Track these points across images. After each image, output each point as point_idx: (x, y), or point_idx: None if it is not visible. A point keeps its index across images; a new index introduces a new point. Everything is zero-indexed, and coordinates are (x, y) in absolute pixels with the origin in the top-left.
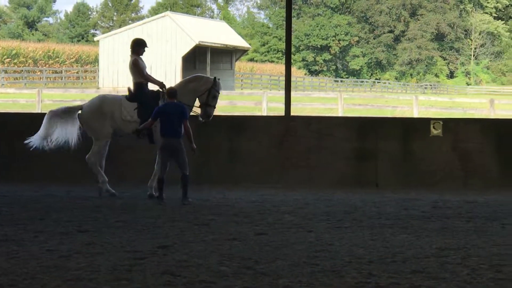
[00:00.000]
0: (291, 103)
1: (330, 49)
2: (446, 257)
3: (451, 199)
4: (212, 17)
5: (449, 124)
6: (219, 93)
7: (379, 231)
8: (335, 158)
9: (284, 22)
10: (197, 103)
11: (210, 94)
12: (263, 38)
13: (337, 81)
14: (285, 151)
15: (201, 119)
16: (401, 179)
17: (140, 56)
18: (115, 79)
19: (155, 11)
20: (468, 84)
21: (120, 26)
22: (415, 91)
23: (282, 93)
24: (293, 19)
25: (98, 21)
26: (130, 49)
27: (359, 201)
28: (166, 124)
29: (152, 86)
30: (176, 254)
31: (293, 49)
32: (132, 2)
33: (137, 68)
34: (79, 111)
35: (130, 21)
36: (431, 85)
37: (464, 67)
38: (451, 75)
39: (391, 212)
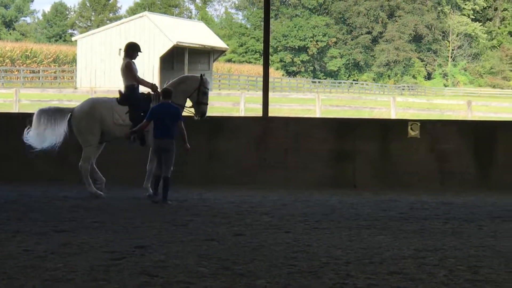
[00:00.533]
0: (269, 104)
1: (308, 50)
2: (423, 258)
3: (428, 201)
4: (190, 18)
5: (427, 125)
6: (208, 89)
7: (357, 232)
8: (313, 159)
9: (262, 23)
10: (188, 103)
11: (200, 91)
12: (241, 39)
13: (315, 82)
14: (262, 152)
15: (196, 117)
16: (379, 181)
17: (133, 60)
18: (93, 79)
19: (133, 11)
20: (445, 85)
21: (98, 26)
22: (392, 93)
23: (259, 94)
24: (271, 20)
25: (76, 21)
26: (123, 53)
27: (337, 202)
28: (159, 125)
29: (143, 89)
30: (154, 255)
31: (270, 50)
32: (110, 2)
33: (129, 71)
34: (70, 114)
35: (108, 21)
36: (408, 87)
37: (441, 68)
38: (428, 77)
39: (369, 213)
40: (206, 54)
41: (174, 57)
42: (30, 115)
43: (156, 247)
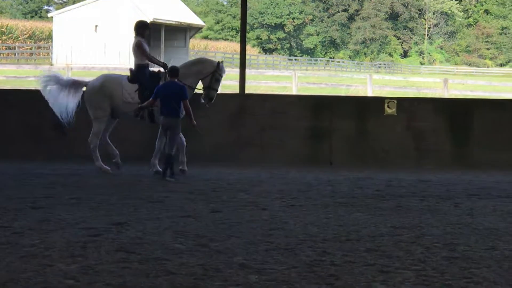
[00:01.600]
0: (245, 81)
1: (284, 27)
2: (400, 235)
3: (405, 178)
4: None
5: (403, 103)
6: (222, 77)
7: (334, 210)
8: (290, 137)
9: (239, 0)
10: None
11: (214, 77)
12: (217, 15)
13: (291, 59)
14: (239, 129)
15: (203, 101)
16: (355, 158)
17: (144, 38)
18: (69, 56)
19: None
20: (421, 63)
21: (74, 3)
22: (369, 70)
23: (236, 71)
24: None
25: None
26: (134, 31)
27: (314, 179)
28: (165, 103)
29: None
30: (131, 231)
31: (247, 27)
32: None
33: (140, 49)
34: (84, 88)
35: None
36: (385, 64)
37: (418, 46)
38: (405, 55)
39: (346, 191)
40: (182, 31)
41: (150, 34)
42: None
43: (133, 224)
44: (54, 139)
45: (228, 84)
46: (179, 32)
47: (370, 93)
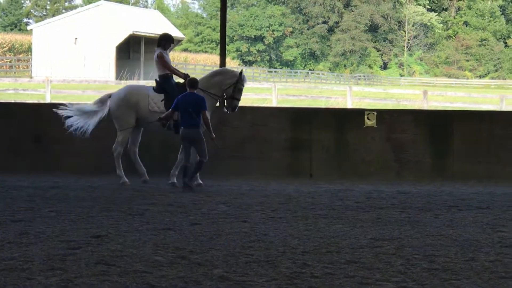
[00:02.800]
0: None
1: (264, 39)
2: (380, 247)
3: (385, 190)
4: (146, 7)
5: (383, 115)
6: (244, 86)
7: (314, 222)
8: (270, 149)
9: (219, 12)
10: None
11: (236, 87)
12: (197, 28)
13: (271, 71)
14: (219, 141)
15: (226, 111)
16: (335, 170)
17: (166, 50)
18: (48, 68)
19: (89, 0)
20: (401, 75)
21: (53, 15)
22: (348, 82)
23: None
24: (228, 9)
25: (32, 10)
26: (157, 43)
27: (294, 191)
28: (185, 115)
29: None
30: (111, 244)
31: (227, 40)
32: None
33: (162, 61)
34: (109, 98)
35: (64, 10)
36: (364, 76)
37: (397, 58)
38: (384, 66)
39: (326, 203)
40: None
41: (130, 46)
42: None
43: (112, 236)
44: (34, 152)
45: None
46: None
47: (350, 105)
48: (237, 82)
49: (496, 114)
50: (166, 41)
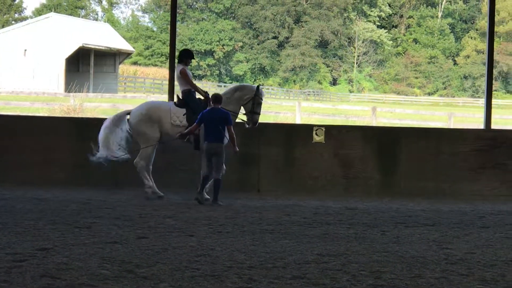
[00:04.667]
0: None
1: (214, 54)
2: (326, 263)
3: (332, 206)
4: (96, 20)
5: (331, 131)
6: (262, 100)
7: (260, 237)
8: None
9: (169, 26)
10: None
11: (255, 101)
12: (147, 41)
13: (221, 86)
14: (168, 155)
15: (247, 125)
16: (283, 185)
17: (187, 66)
18: None
19: (38, 12)
20: (350, 91)
21: (3, 27)
22: (298, 98)
23: (165, 97)
24: (178, 23)
25: None
26: (177, 58)
27: (241, 206)
28: (209, 130)
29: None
30: (56, 257)
31: (177, 53)
32: (16, 2)
33: (185, 77)
34: (127, 116)
35: (13, 22)
36: (314, 92)
37: (347, 74)
38: (334, 82)
39: (273, 218)
40: (112, 56)
41: (80, 59)
42: None
43: (59, 249)
44: None
45: None
46: (109, 58)
47: (298, 120)
48: (255, 96)
49: (444, 132)
50: (187, 57)
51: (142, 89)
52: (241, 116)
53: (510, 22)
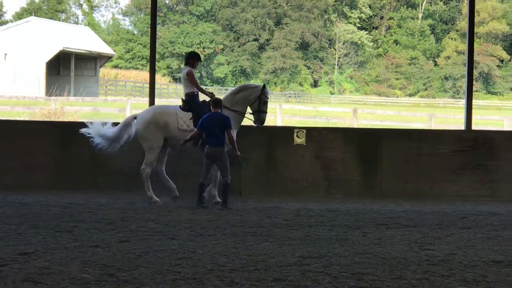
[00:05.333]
0: None
1: None
2: (308, 265)
3: (313, 208)
4: (76, 23)
5: (312, 133)
6: (268, 99)
7: (242, 239)
8: (198, 165)
9: (149, 29)
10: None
11: (261, 101)
12: (128, 45)
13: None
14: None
15: (255, 125)
16: (265, 187)
17: (194, 69)
18: None
19: (19, 16)
20: (331, 93)
21: None
22: (279, 100)
23: (146, 100)
24: (158, 26)
25: None
26: (184, 60)
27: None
28: (210, 134)
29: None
30: (38, 261)
31: (157, 56)
32: None
33: (191, 79)
34: (134, 120)
35: None
36: (295, 94)
37: (328, 76)
38: (315, 84)
39: (254, 220)
40: (92, 60)
41: (60, 63)
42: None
43: (40, 254)
44: None
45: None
46: (89, 61)
47: (279, 123)
48: (261, 95)
49: (424, 133)
50: (193, 59)
51: (123, 92)
52: (248, 116)
53: (490, 23)
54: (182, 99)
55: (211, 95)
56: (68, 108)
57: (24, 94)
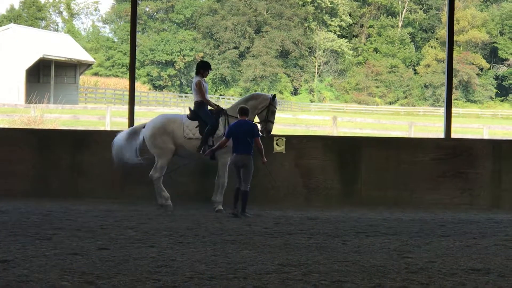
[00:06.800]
0: (135, 118)
1: (175, 64)
2: (287, 273)
3: (293, 216)
4: (56, 31)
5: (292, 140)
6: (276, 109)
7: (222, 247)
8: (179, 173)
9: (129, 37)
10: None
11: (269, 110)
12: (108, 52)
13: (182, 96)
14: (128, 166)
15: (262, 134)
16: None
17: (204, 78)
18: None
19: None
20: (311, 101)
21: None
22: None
23: (126, 107)
24: (138, 34)
25: None
26: (195, 70)
27: (202, 217)
28: (238, 142)
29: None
30: (17, 269)
31: (137, 64)
32: None
33: (200, 89)
34: (142, 129)
35: None
36: None
37: (308, 84)
38: (295, 92)
39: (234, 228)
40: (72, 67)
41: (40, 70)
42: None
43: (19, 261)
44: None
45: (118, 121)
46: (69, 69)
47: None
48: (270, 105)
49: (403, 141)
50: (204, 68)
51: (103, 99)
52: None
53: (470, 31)
54: (189, 108)
55: (217, 107)
56: (48, 115)
57: (3, 101)
